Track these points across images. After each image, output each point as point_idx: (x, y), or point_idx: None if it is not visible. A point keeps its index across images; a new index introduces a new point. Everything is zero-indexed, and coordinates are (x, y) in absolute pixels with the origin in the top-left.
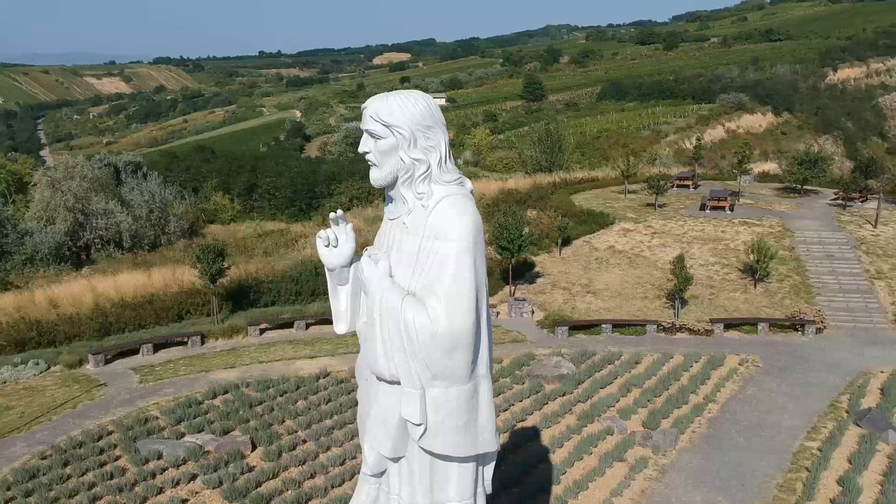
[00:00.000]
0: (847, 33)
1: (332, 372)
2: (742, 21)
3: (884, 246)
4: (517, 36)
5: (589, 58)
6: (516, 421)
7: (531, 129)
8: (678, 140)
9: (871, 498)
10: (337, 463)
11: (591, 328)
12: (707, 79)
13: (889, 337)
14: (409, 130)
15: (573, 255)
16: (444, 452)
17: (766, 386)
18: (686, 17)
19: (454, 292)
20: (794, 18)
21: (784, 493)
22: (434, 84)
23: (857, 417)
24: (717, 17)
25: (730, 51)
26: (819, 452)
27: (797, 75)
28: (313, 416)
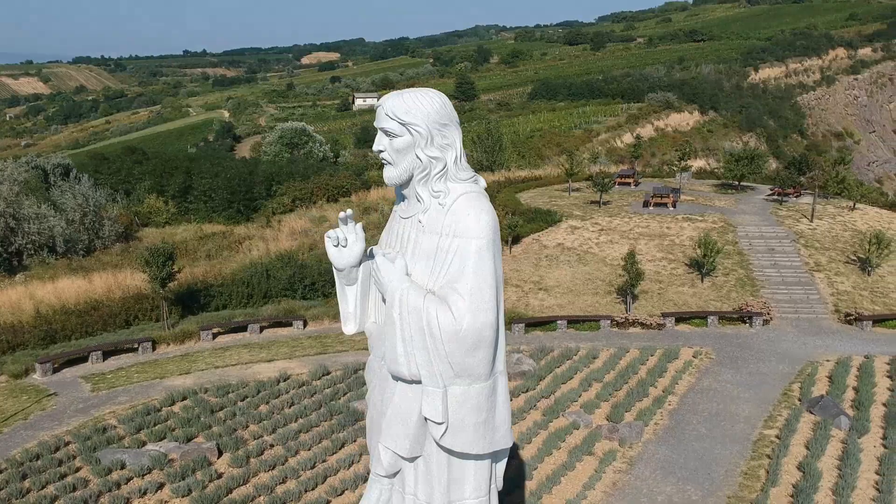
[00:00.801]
0: (766, 34)
1: (292, 375)
2: (666, 22)
3: (820, 239)
4: (446, 36)
5: (518, 58)
6: None
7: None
8: (610, 139)
9: (831, 482)
10: (307, 466)
11: (547, 324)
12: (635, 78)
13: (831, 327)
14: (426, 128)
15: (523, 252)
16: (463, 450)
17: (722, 377)
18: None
19: (477, 289)
20: (715, 19)
21: (749, 480)
22: (365, 84)
23: (809, 405)
24: (642, 17)
25: (655, 51)
26: (778, 440)
27: (721, 75)
28: (278, 421)
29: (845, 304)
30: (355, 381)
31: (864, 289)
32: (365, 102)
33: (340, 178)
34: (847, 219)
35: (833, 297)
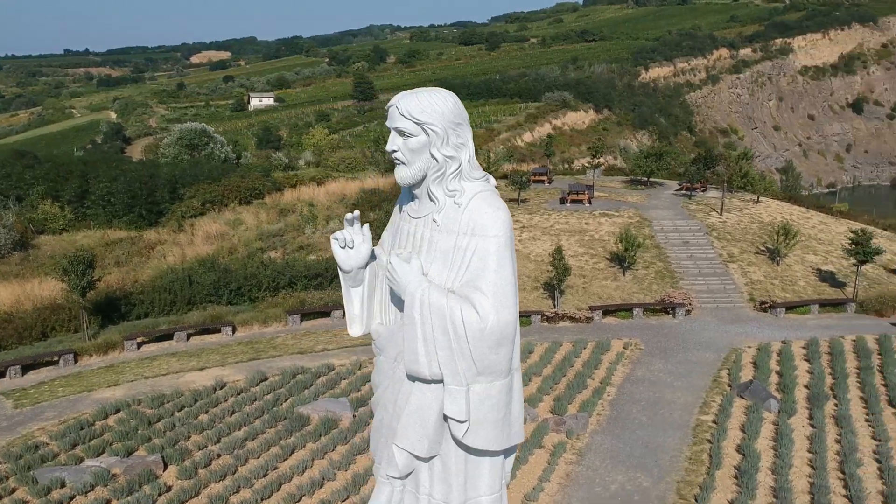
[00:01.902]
0: (654, 34)
1: (229, 382)
2: (558, 22)
3: (731, 231)
4: (341, 35)
5: (415, 58)
6: None
7: (367, 128)
8: (511, 137)
9: (769, 462)
10: (260, 475)
11: None
12: (531, 78)
13: (748, 315)
14: (442, 128)
15: None
16: (484, 447)
17: (654, 366)
18: (504, 18)
19: (500, 287)
20: (605, 20)
21: (694, 464)
22: (260, 83)
23: (739, 390)
24: (535, 18)
25: (549, 51)
26: (715, 425)
27: (613, 74)
28: (221, 429)
29: (759, 293)
30: (296, 385)
31: (774, 278)
32: (261, 102)
33: (252, 179)
34: (753, 211)
35: (747, 287)
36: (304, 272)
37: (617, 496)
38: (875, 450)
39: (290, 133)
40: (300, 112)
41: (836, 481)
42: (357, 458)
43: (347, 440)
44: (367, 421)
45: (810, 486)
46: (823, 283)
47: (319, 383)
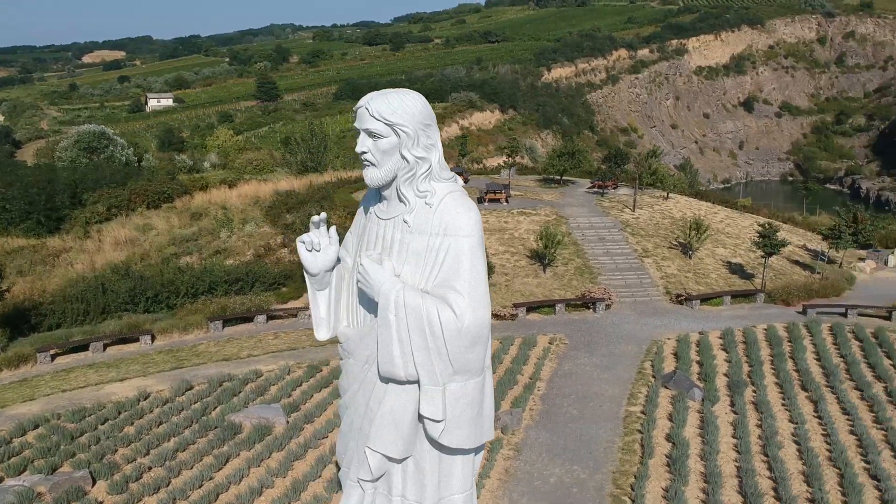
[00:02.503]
0: (555, 35)
1: (152, 393)
2: (461, 23)
3: (644, 227)
4: (241, 34)
5: (319, 58)
6: None
7: (272, 129)
8: None
9: (698, 449)
10: (195, 486)
11: None
12: (437, 79)
13: (665, 307)
14: (413, 129)
15: None
16: (459, 445)
17: (579, 360)
18: (407, 18)
19: (475, 286)
20: (507, 21)
21: (627, 454)
22: (158, 84)
23: (664, 381)
24: (438, 18)
25: (453, 51)
26: (643, 415)
27: (517, 75)
28: (150, 441)
29: (674, 286)
30: (223, 393)
31: (687, 271)
32: (159, 103)
33: (160, 183)
34: (663, 207)
35: (663, 280)
36: (224, 277)
37: (557, 489)
38: (793, 432)
39: (192, 134)
40: (202, 113)
41: (761, 464)
42: (295, 465)
43: (283, 447)
44: (302, 426)
45: (738, 470)
46: (733, 275)
47: (248, 390)
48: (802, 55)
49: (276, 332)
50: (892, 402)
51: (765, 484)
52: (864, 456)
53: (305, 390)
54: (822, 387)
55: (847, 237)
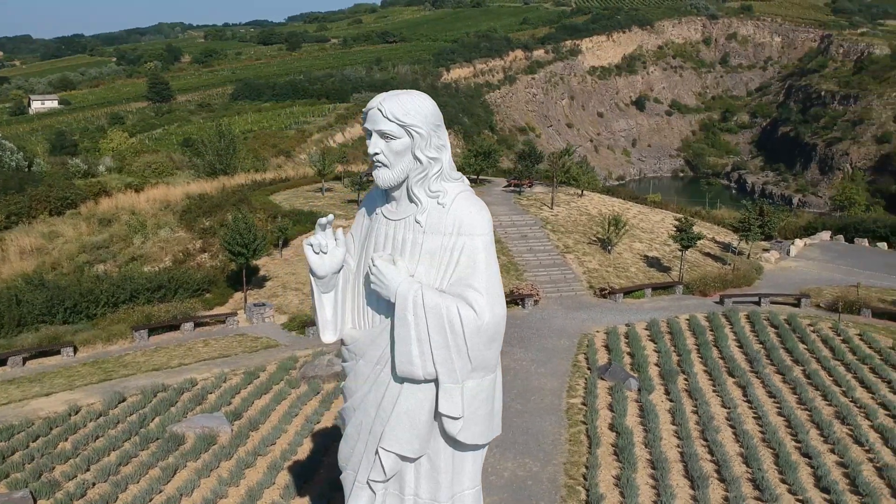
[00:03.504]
0: (453, 36)
1: (83, 407)
2: (357, 23)
3: (563, 224)
4: (128, 33)
5: (212, 57)
6: (313, 424)
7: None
8: (323, 138)
9: (640, 437)
10: (144, 500)
11: None
12: (337, 79)
13: (590, 302)
14: (426, 130)
15: (295, 255)
16: (474, 441)
17: (516, 356)
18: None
19: (492, 284)
20: (404, 21)
21: (575, 445)
22: (41, 85)
23: (599, 372)
24: (333, 18)
25: (351, 51)
26: (585, 407)
27: (417, 75)
28: (89, 456)
29: (596, 281)
30: (160, 404)
31: (608, 266)
32: (44, 105)
33: (62, 188)
34: (579, 204)
35: (586, 275)
36: (146, 284)
37: (512, 482)
38: (727, 416)
39: (82, 137)
40: (90, 115)
41: (702, 448)
42: (247, 473)
43: (231, 455)
44: (247, 434)
45: (681, 455)
46: (651, 268)
47: (185, 399)
48: (689, 55)
49: (206, 339)
50: (812, 384)
51: (708, 467)
52: (795, 436)
53: (245, 397)
54: (747, 372)
55: (756, 230)
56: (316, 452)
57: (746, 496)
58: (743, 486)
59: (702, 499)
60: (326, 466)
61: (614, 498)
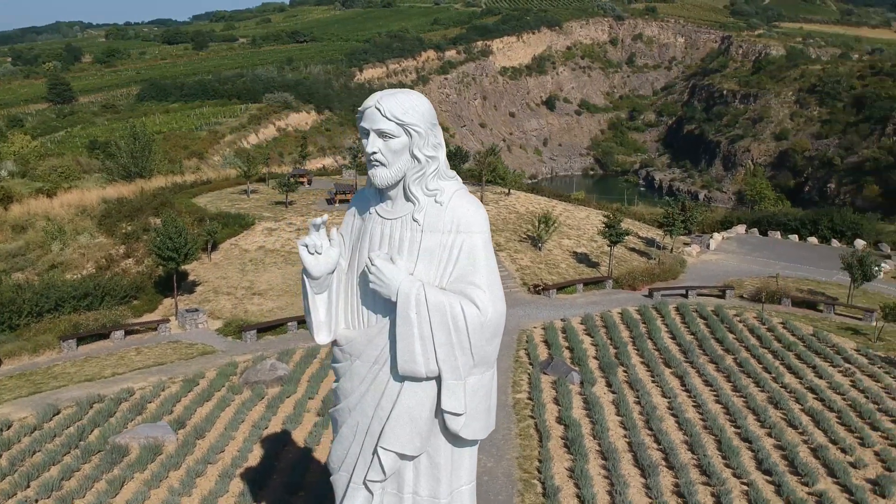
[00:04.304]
0: (364, 36)
1: (15, 421)
2: (266, 22)
3: (494, 222)
4: (22, 32)
5: (115, 57)
6: (261, 430)
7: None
8: (236, 139)
9: (588, 429)
10: None
11: (277, 327)
12: (249, 79)
13: (525, 298)
14: (424, 128)
15: (224, 259)
16: (474, 437)
17: None
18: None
19: (493, 280)
20: (314, 21)
21: (526, 440)
22: None
23: (542, 367)
24: (241, 17)
25: (261, 51)
26: (531, 401)
27: (330, 75)
28: (28, 472)
29: (529, 277)
30: (98, 415)
31: (540, 263)
32: None
33: None
34: (507, 203)
35: (519, 272)
36: (71, 293)
37: None
38: (669, 405)
39: None
40: None
41: (648, 437)
42: (198, 482)
43: (179, 465)
44: (194, 442)
45: (629, 445)
46: (581, 264)
47: (124, 409)
48: (597, 56)
49: (138, 347)
50: (744, 371)
51: (656, 455)
52: (734, 422)
53: (188, 405)
54: (682, 363)
55: (679, 225)
56: (267, 458)
57: (695, 482)
58: (691, 473)
59: (654, 486)
60: (280, 472)
61: (570, 490)
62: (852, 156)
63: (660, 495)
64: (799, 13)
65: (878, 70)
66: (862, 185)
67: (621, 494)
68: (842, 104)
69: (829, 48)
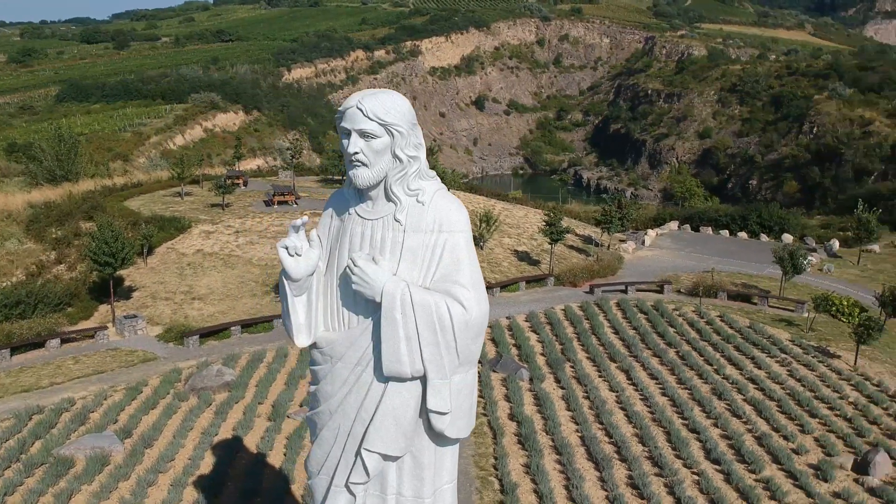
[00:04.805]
0: (291, 36)
1: None
2: (189, 21)
3: None
4: None
5: (32, 56)
6: (211, 437)
7: None
8: (162, 141)
9: (540, 424)
10: None
11: (220, 332)
12: (173, 79)
13: None
14: (406, 128)
15: (161, 263)
16: (457, 436)
17: None
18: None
19: (476, 279)
20: (239, 20)
21: (480, 437)
22: None
23: (491, 365)
24: (163, 16)
25: (185, 50)
26: (483, 399)
27: (257, 75)
28: None
29: None
30: (38, 426)
31: (482, 261)
32: None
33: None
34: None
35: None
36: (3, 300)
37: None
38: (617, 399)
39: None
40: None
41: (599, 431)
42: (150, 492)
43: (129, 475)
44: (142, 451)
45: (581, 440)
46: (522, 262)
47: (66, 420)
48: (525, 56)
49: (75, 356)
50: (687, 364)
51: (608, 449)
52: (681, 413)
53: (133, 414)
54: (627, 357)
55: (617, 222)
56: (220, 465)
57: (648, 474)
58: (643, 465)
59: (608, 479)
60: (234, 479)
61: (527, 486)
62: (772, 153)
63: (615, 488)
64: (718, 15)
65: (794, 70)
66: (782, 181)
67: (578, 489)
68: (761, 103)
69: (748, 49)
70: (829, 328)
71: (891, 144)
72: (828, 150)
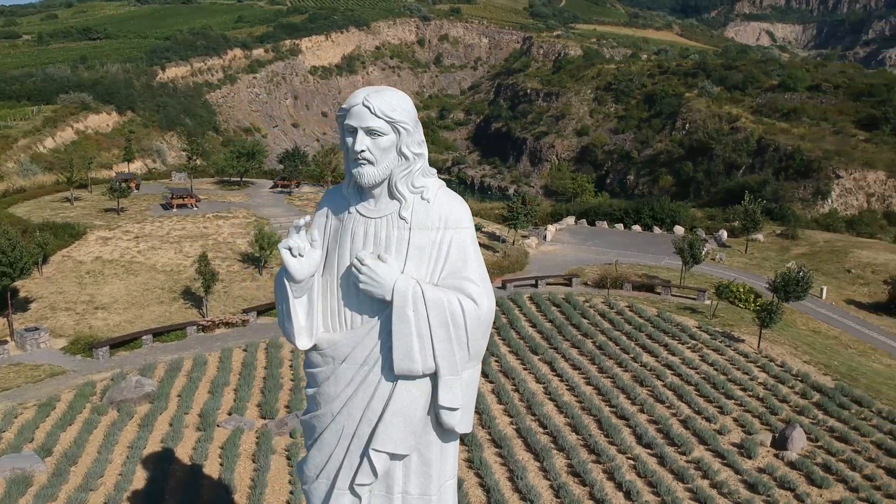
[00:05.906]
0: (164, 33)
1: None
2: (52, 18)
3: None
4: None
5: None
6: (139, 450)
7: None
8: (31, 144)
9: (475, 418)
10: None
11: (131, 342)
12: (39, 78)
13: None
14: (412, 125)
15: (57, 272)
16: (465, 430)
17: None
18: None
19: (483, 274)
20: (107, 17)
21: None
22: None
23: None
24: (23, 12)
25: (49, 49)
26: None
27: (130, 74)
28: None
29: None
30: None
31: None
32: None
33: None
34: None
35: None
36: None
37: None
38: (545, 390)
39: None
40: None
41: (533, 423)
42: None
43: (55, 496)
44: (67, 469)
45: (517, 432)
46: None
47: None
48: (406, 56)
49: None
50: (605, 353)
51: (545, 439)
52: (608, 401)
53: (49, 431)
54: (548, 349)
55: (523, 218)
56: (154, 480)
57: (586, 461)
58: (581, 453)
59: (550, 468)
60: (171, 492)
61: (472, 479)
62: (647, 149)
63: (557, 477)
64: (592, 15)
65: (665, 69)
66: (657, 176)
67: (522, 479)
68: (635, 101)
69: (621, 48)
70: (730, 314)
71: (756, 139)
72: (699, 145)
